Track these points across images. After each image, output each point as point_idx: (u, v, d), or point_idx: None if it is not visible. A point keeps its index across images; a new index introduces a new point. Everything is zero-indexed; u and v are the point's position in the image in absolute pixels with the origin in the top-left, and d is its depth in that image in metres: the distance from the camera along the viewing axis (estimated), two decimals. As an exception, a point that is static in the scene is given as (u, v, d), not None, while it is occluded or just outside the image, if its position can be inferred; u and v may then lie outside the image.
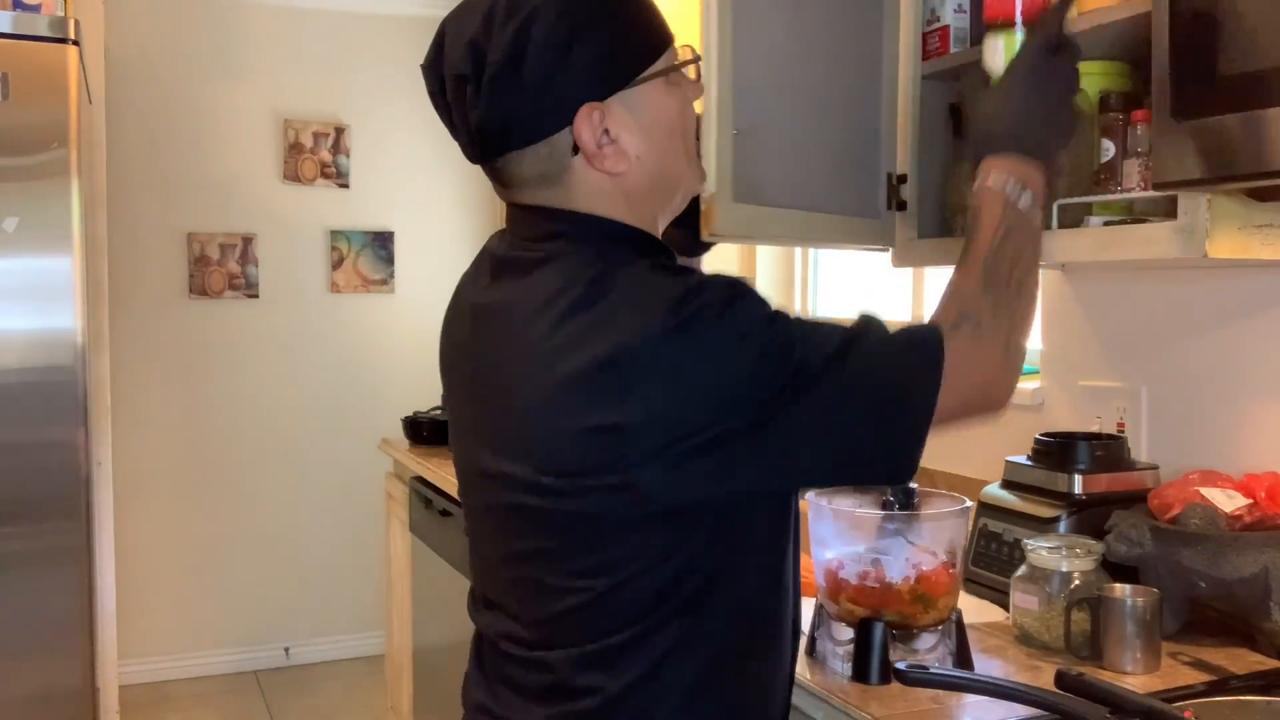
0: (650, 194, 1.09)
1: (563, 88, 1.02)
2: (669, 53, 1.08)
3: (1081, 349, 1.94)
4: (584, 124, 1.03)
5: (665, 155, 1.08)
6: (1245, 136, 1.16)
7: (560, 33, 1.01)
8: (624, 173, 1.06)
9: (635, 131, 1.05)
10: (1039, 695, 1.16)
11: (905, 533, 1.40)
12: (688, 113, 1.11)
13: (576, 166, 1.05)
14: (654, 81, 1.06)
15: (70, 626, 2.41)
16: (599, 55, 1.02)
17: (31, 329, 2.39)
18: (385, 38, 4.35)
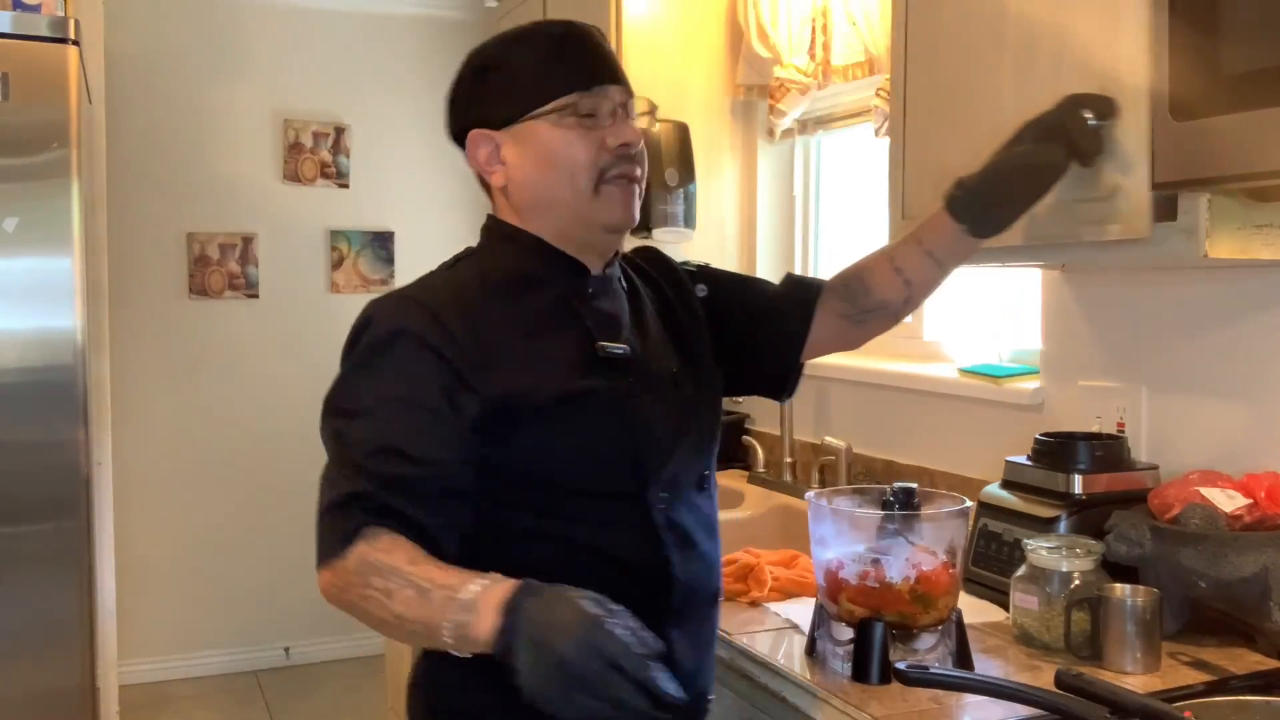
0: (535, 210, 1.30)
1: (459, 113, 1.32)
2: (565, 100, 1.25)
3: (1081, 349, 1.94)
4: (475, 146, 1.31)
5: (545, 188, 1.28)
6: (1245, 136, 1.16)
7: (467, 71, 1.31)
8: (504, 187, 1.30)
9: (519, 158, 1.28)
10: (1039, 695, 1.16)
11: (905, 533, 1.40)
12: (577, 149, 1.26)
13: (490, 180, 1.33)
14: (541, 121, 1.26)
15: (70, 626, 2.41)
16: (492, 91, 1.28)
17: (31, 329, 2.38)
18: (385, 38, 4.35)
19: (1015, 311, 2.25)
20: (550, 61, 1.26)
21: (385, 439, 1.16)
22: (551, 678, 0.97)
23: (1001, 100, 1.56)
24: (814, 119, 2.89)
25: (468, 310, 1.22)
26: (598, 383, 1.24)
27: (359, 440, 1.18)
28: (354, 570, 1.11)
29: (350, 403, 1.22)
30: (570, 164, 1.26)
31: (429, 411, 1.18)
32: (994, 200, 1.38)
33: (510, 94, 1.27)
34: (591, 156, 1.26)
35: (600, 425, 1.24)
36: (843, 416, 2.60)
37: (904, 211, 1.80)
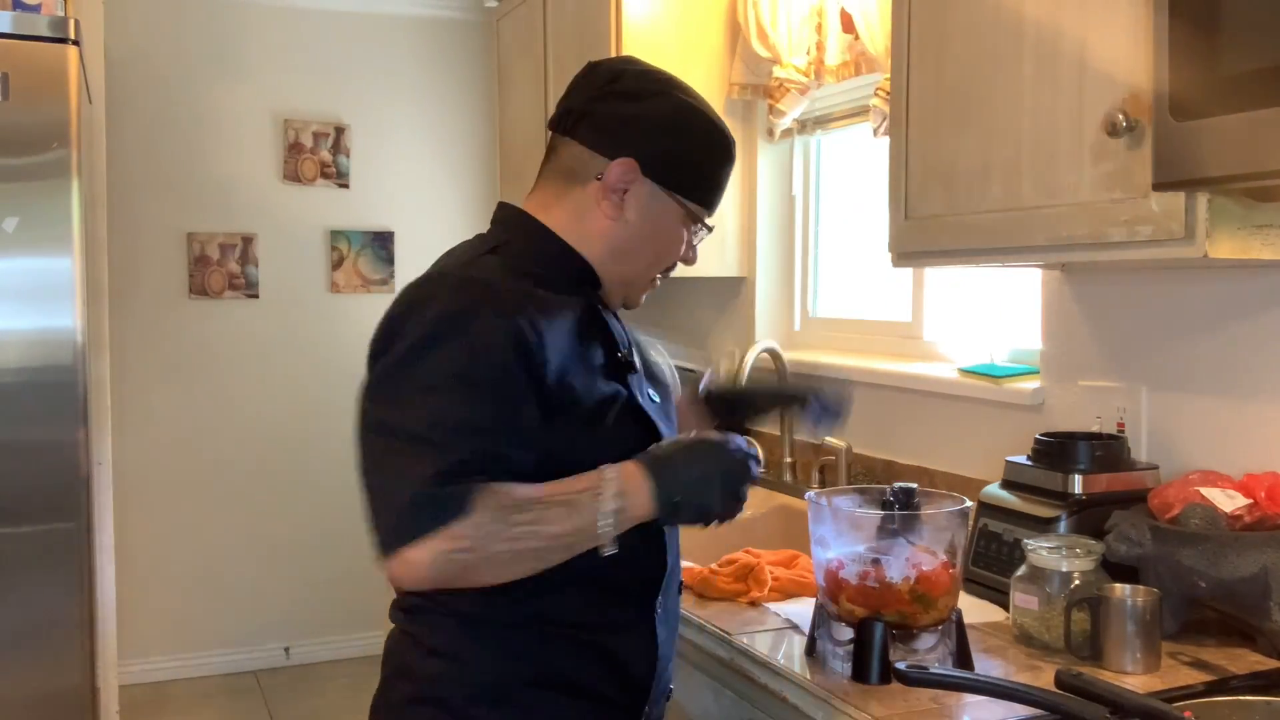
0: (611, 253, 1.35)
1: (634, 139, 1.31)
2: (701, 211, 1.37)
3: (1081, 349, 1.94)
4: (620, 166, 1.31)
5: (641, 243, 1.35)
6: (1245, 136, 1.16)
7: (674, 120, 1.34)
8: (610, 220, 1.33)
9: (640, 210, 1.33)
10: (1039, 695, 1.16)
11: (905, 533, 1.40)
12: (676, 247, 1.38)
13: (590, 188, 1.33)
14: (677, 207, 1.34)
15: (70, 626, 2.41)
16: (674, 156, 1.33)
17: (31, 329, 2.38)
18: (385, 38, 4.35)
19: (1015, 311, 2.25)
20: (722, 176, 1.39)
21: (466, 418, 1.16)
22: (711, 498, 1.26)
23: (1020, 97, 1.57)
24: (813, 119, 2.89)
25: (527, 300, 1.23)
26: (621, 389, 1.31)
27: (438, 419, 1.16)
28: (490, 520, 1.14)
29: (422, 381, 1.18)
30: (664, 253, 1.38)
31: (506, 391, 1.18)
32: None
33: (689, 169, 1.34)
34: (676, 257, 1.40)
35: (623, 430, 1.29)
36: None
37: (906, 211, 1.80)
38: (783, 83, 2.69)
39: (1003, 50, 1.59)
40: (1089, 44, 1.44)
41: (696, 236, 1.39)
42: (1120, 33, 1.39)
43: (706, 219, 1.39)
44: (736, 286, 3.06)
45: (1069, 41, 1.48)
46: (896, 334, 2.58)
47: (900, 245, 1.83)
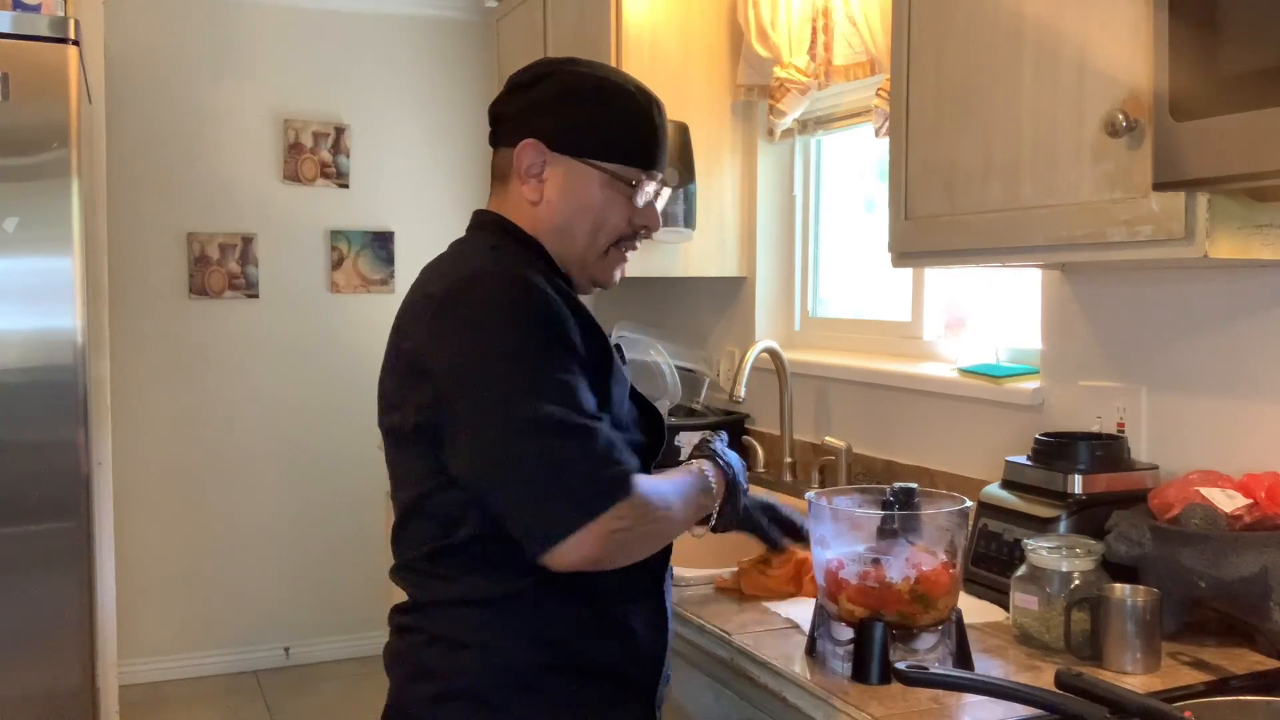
0: (550, 234, 1.38)
1: (534, 121, 1.35)
2: (629, 170, 1.36)
3: (1081, 349, 1.94)
4: (525, 150, 1.35)
5: (571, 219, 1.37)
6: (1245, 136, 1.16)
7: (562, 88, 1.36)
8: (534, 204, 1.37)
9: (559, 185, 1.36)
10: (1039, 695, 1.16)
11: (905, 533, 1.40)
12: (613, 213, 1.38)
13: (513, 180, 1.38)
14: (597, 174, 1.35)
15: (70, 626, 2.41)
16: (572, 123, 1.35)
17: (31, 329, 2.38)
18: (385, 38, 4.35)
19: (1015, 311, 2.25)
20: (640, 130, 1.37)
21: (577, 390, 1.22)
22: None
23: (1020, 98, 1.57)
24: (814, 119, 2.88)
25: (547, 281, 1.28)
26: (622, 372, 1.37)
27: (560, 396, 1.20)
28: (641, 504, 1.22)
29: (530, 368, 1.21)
30: (600, 222, 1.38)
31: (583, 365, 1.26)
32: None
33: (590, 132, 1.35)
34: (619, 225, 1.39)
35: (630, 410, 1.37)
36: (843, 416, 2.60)
37: (906, 211, 1.80)
38: (783, 83, 2.69)
39: (1003, 50, 1.59)
40: (1089, 44, 1.44)
41: (643, 197, 1.39)
42: (1120, 33, 1.39)
43: (646, 177, 1.38)
44: (736, 286, 3.06)
45: (1069, 41, 1.48)
46: (896, 334, 2.58)
47: (900, 245, 1.83)
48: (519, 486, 1.19)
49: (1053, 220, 1.51)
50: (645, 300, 3.46)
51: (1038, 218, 1.53)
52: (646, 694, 1.38)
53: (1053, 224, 1.51)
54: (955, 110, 1.69)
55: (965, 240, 1.68)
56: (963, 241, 1.69)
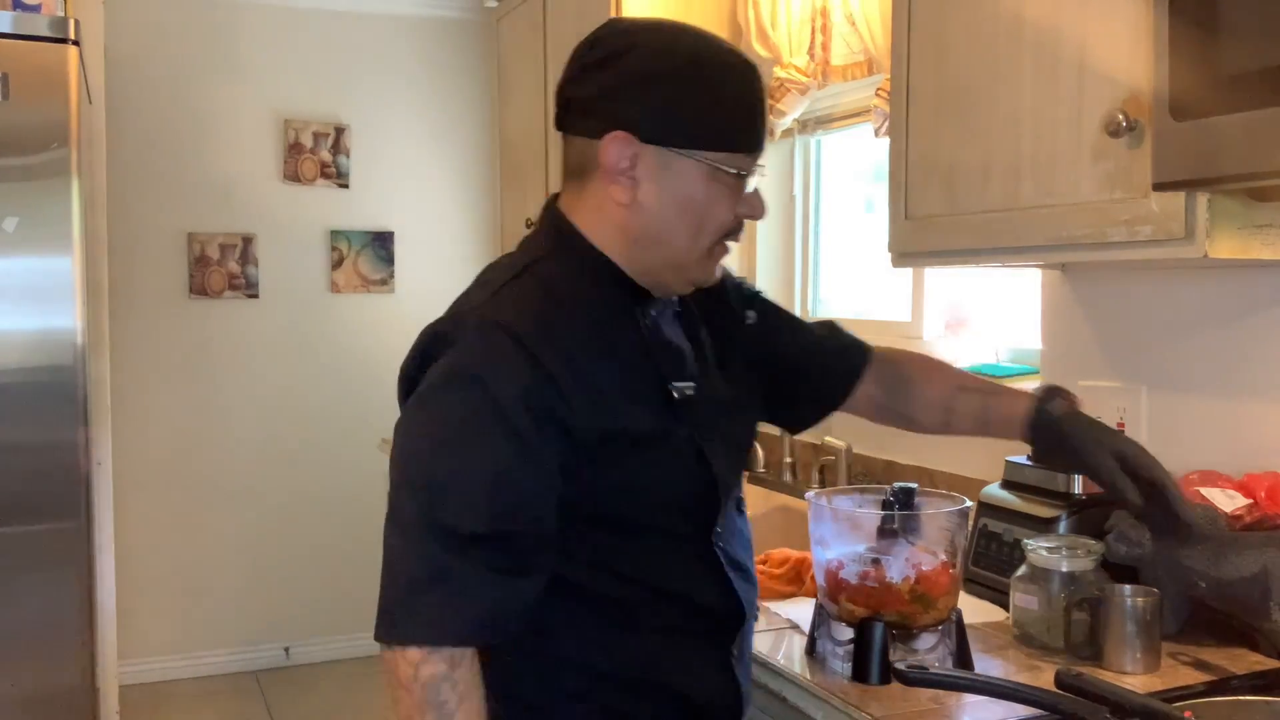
0: (641, 241, 1.18)
1: (618, 108, 1.13)
2: (735, 158, 1.15)
3: (1081, 349, 1.94)
4: (612, 145, 1.13)
5: (670, 222, 1.16)
6: (1245, 136, 1.16)
7: (649, 67, 1.13)
8: (626, 206, 1.16)
9: (655, 184, 1.14)
10: (1039, 695, 1.16)
11: (905, 533, 1.40)
12: (718, 210, 1.17)
13: (597, 177, 1.16)
14: (697, 165, 1.14)
15: (70, 626, 2.41)
16: (666, 108, 1.12)
17: (31, 329, 2.38)
18: (385, 38, 4.35)
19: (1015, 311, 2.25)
20: (746, 109, 1.16)
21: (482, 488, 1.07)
22: None
23: (1020, 98, 1.57)
24: (814, 119, 2.88)
25: (554, 339, 1.11)
26: (672, 424, 1.18)
27: (449, 491, 1.07)
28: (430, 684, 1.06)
29: (433, 444, 1.10)
30: (705, 220, 1.17)
31: (526, 457, 1.08)
32: (1065, 459, 1.38)
33: (690, 117, 1.13)
34: (726, 220, 1.18)
35: (675, 468, 1.19)
36: (843, 416, 2.58)
37: (906, 211, 1.80)
38: (783, 83, 2.69)
39: (1003, 50, 1.59)
40: (1089, 44, 1.44)
41: (749, 183, 1.18)
42: (1120, 33, 1.39)
43: (749, 162, 1.17)
44: (736, 286, 3.05)
45: (1069, 42, 1.48)
46: (896, 334, 2.58)
47: (900, 245, 1.83)
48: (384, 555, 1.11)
49: (1053, 220, 1.51)
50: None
51: (1038, 218, 1.53)
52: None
53: (1053, 224, 1.51)
54: (955, 110, 1.69)
55: (965, 240, 1.68)
56: (963, 241, 1.69)
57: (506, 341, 1.09)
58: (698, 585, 1.21)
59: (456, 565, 1.06)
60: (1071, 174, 1.48)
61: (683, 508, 1.20)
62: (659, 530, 1.19)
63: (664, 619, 1.20)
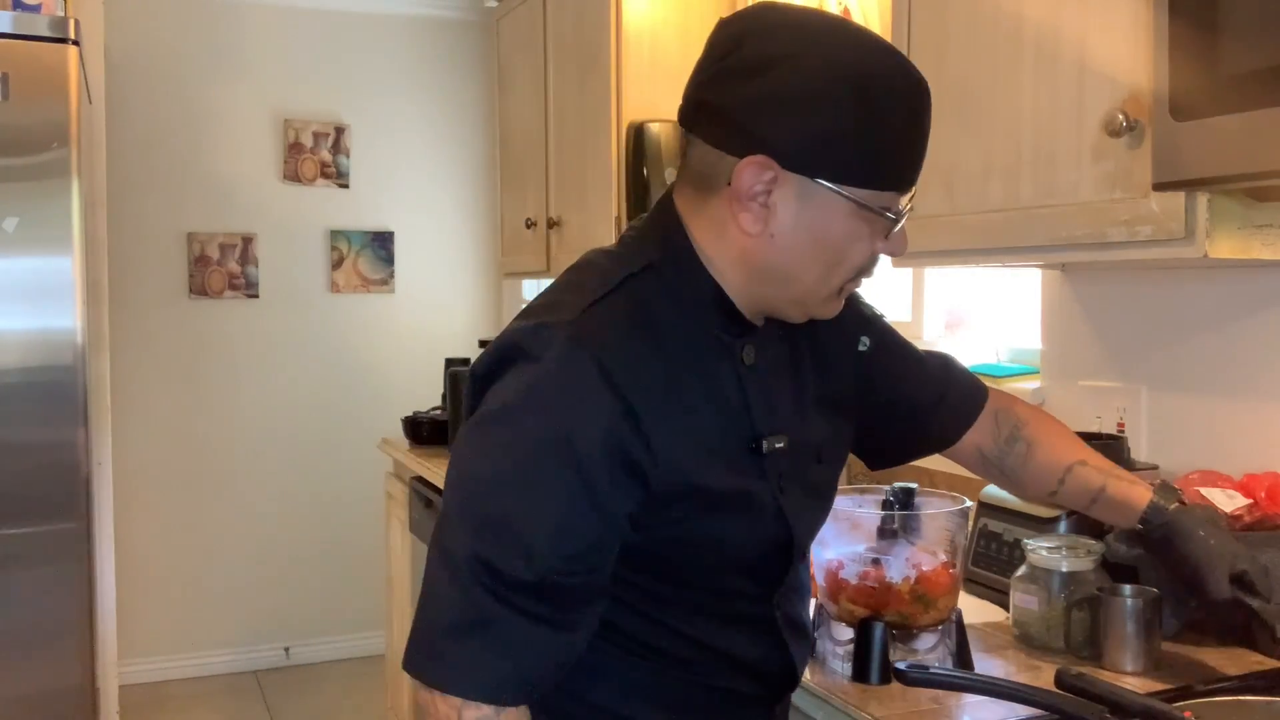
0: (764, 275, 1.05)
1: (762, 127, 0.99)
2: (885, 195, 1.02)
3: (1081, 349, 1.94)
4: (750, 168, 0.99)
5: (802, 258, 1.04)
6: (1245, 136, 1.16)
7: (806, 86, 0.97)
8: (754, 236, 1.03)
9: (791, 216, 1.01)
10: (1039, 695, 1.16)
11: (905, 533, 1.40)
12: (857, 249, 1.04)
13: (724, 196, 1.03)
14: (843, 201, 1.00)
15: (70, 626, 2.41)
16: (815, 136, 0.98)
17: (31, 329, 2.38)
18: (385, 38, 4.35)
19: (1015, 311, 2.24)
20: (908, 143, 1.02)
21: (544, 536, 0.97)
22: None
23: (1020, 98, 1.57)
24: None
25: (645, 373, 1.00)
26: (756, 483, 1.08)
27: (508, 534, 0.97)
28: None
29: (496, 474, 0.99)
30: (840, 261, 1.04)
31: (595, 505, 0.98)
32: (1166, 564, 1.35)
33: (844, 149, 0.98)
34: (861, 261, 1.06)
35: (751, 527, 1.09)
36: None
37: (904, 211, 1.80)
38: (783, 83, 2.69)
39: (1003, 50, 1.59)
40: (1089, 44, 1.44)
41: (897, 220, 1.04)
42: (1120, 33, 1.39)
43: (899, 200, 1.04)
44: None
45: (1069, 41, 1.48)
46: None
47: (900, 245, 1.83)
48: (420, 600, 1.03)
49: (1053, 220, 1.51)
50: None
51: (1038, 218, 1.53)
52: None
53: (1053, 224, 1.51)
54: (955, 110, 1.69)
55: (965, 240, 1.68)
56: (963, 241, 1.69)
57: (592, 370, 0.98)
58: (751, 644, 1.14)
59: (501, 614, 0.97)
60: (1071, 174, 1.48)
61: (753, 569, 1.12)
62: (720, 588, 1.11)
63: (710, 675, 1.12)
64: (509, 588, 0.97)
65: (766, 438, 1.08)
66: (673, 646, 1.10)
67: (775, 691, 1.19)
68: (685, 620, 1.10)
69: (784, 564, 1.13)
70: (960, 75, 1.68)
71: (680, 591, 1.09)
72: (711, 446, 1.04)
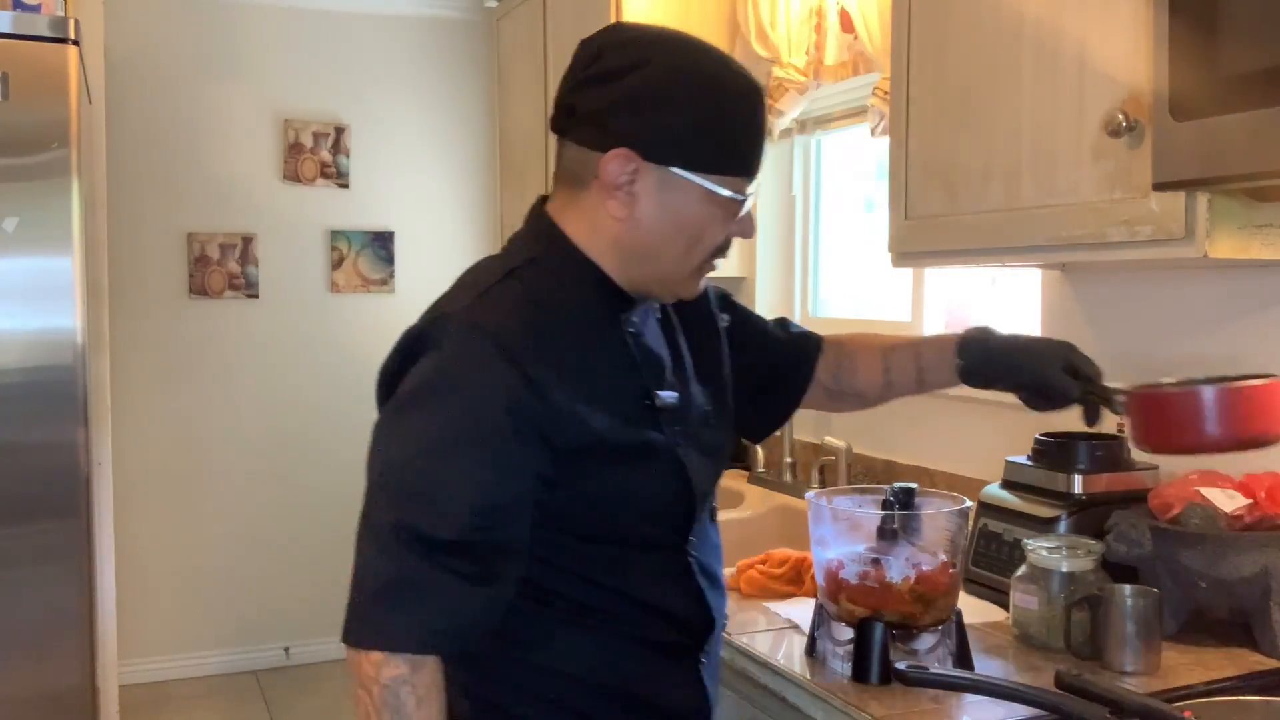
0: (633, 256, 1.18)
1: (623, 125, 1.13)
2: (732, 180, 1.16)
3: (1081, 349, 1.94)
4: (615, 160, 1.13)
5: (665, 239, 1.17)
6: (1245, 136, 1.16)
7: (660, 87, 1.13)
8: (622, 221, 1.16)
9: (653, 202, 1.15)
10: (1039, 695, 1.16)
11: (905, 533, 1.40)
12: (711, 230, 1.18)
13: (594, 188, 1.16)
14: (697, 187, 1.14)
15: (70, 626, 2.41)
16: (673, 129, 1.13)
17: (31, 329, 2.38)
18: (385, 38, 4.35)
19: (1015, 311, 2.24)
20: (749, 133, 1.17)
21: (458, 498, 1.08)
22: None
23: (1020, 98, 1.57)
24: (813, 119, 2.88)
25: (539, 346, 1.12)
26: (653, 434, 1.19)
27: (425, 499, 1.08)
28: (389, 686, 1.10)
29: (413, 452, 1.10)
30: (699, 239, 1.18)
31: (505, 468, 1.10)
32: (999, 379, 1.43)
33: (696, 140, 1.13)
34: (718, 240, 1.20)
35: (654, 478, 1.19)
36: (843, 416, 2.60)
37: (906, 211, 1.80)
38: (782, 83, 2.69)
39: (1003, 50, 1.59)
40: (1089, 44, 1.44)
41: (743, 206, 1.19)
42: (1120, 33, 1.39)
43: (746, 185, 1.18)
44: (736, 286, 3.06)
45: (1069, 41, 1.48)
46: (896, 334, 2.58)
47: (900, 245, 1.83)
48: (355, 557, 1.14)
49: (1053, 220, 1.51)
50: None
51: (1038, 218, 1.53)
52: None
53: (1053, 224, 1.51)
54: (955, 110, 1.69)
55: (965, 240, 1.68)
56: (963, 241, 1.69)
57: (490, 348, 1.10)
58: (670, 594, 1.23)
59: (425, 572, 1.08)
60: (1071, 174, 1.48)
61: (659, 517, 1.21)
62: (635, 539, 1.20)
63: (635, 626, 1.21)
64: (430, 548, 1.07)
65: (658, 394, 1.20)
66: (601, 602, 1.19)
67: (698, 639, 1.25)
68: (609, 574, 1.19)
69: (688, 513, 1.23)
70: (960, 75, 1.68)
71: (602, 548, 1.18)
72: (609, 405, 1.15)
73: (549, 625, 1.18)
